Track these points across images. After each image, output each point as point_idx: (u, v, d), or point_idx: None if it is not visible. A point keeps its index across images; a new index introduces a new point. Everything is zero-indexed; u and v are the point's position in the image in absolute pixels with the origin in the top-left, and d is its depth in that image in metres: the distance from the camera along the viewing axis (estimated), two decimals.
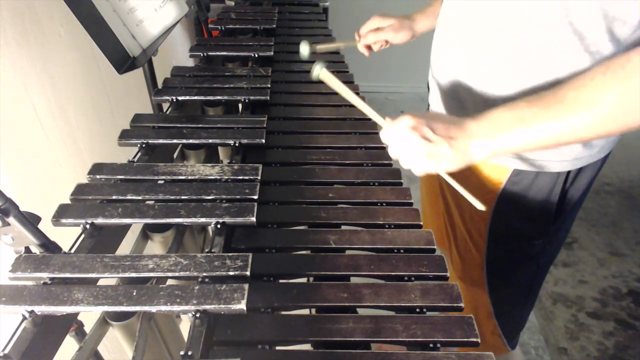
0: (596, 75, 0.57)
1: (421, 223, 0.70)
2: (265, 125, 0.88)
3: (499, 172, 0.82)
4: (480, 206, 0.67)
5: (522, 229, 0.87)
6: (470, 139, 0.62)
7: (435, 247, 0.67)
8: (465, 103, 0.81)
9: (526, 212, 0.84)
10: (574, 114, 0.58)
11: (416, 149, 0.62)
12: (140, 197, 0.69)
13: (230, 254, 0.60)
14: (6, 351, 0.50)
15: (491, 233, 0.88)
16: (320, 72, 0.71)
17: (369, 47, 1.08)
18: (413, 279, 0.62)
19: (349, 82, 1.10)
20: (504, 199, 0.84)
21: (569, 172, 0.80)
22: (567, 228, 0.94)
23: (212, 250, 0.63)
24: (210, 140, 0.84)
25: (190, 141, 0.84)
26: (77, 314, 0.59)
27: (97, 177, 0.74)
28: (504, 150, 0.63)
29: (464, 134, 0.63)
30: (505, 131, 0.61)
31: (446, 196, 0.97)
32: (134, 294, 0.54)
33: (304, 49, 1.02)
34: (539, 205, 0.83)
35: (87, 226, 0.64)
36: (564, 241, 0.98)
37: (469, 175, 0.85)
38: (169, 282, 0.60)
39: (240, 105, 0.99)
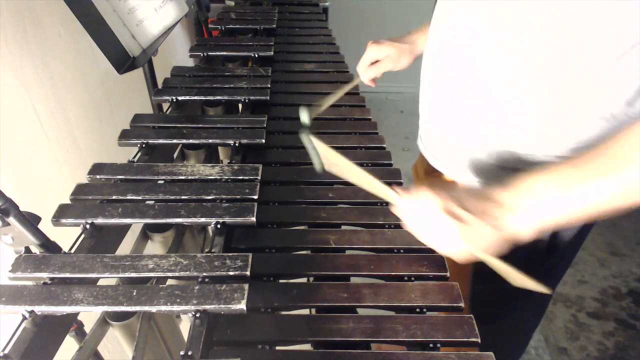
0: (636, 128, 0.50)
1: None
2: (265, 125, 0.88)
3: None
4: (541, 288, 0.57)
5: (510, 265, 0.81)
6: (509, 214, 0.54)
7: None
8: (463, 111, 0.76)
9: (512, 251, 0.79)
10: (619, 174, 0.50)
11: (449, 232, 0.53)
12: (140, 197, 0.69)
13: (230, 254, 0.60)
14: (6, 351, 0.50)
15: (476, 271, 0.82)
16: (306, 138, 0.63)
17: (372, 79, 1.01)
18: (413, 279, 0.62)
19: (349, 82, 1.10)
20: None
21: None
22: (564, 267, 0.87)
23: (212, 250, 0.63)
24: (210, 140, 0.84)
25: (190, 141, 0.84)
26: (77, 314, 0.59)
27: (97, 177, 0.74)
28: (549, 221, 0.54)
29: (500, 209, 0.54)
30: (547, 201, 0.53)
31: None
32: (134, 294, 0.54)
33: (304, 117, 0.88)
34: (526, 243, 0.78)
35: (87, 226, 0.64)
36: (558, 281, 0.91)
37: None
38: (169, 282, 0.60)
39: (240, 105, 0.99)
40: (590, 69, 0.60)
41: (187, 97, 0.96)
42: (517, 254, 0.76)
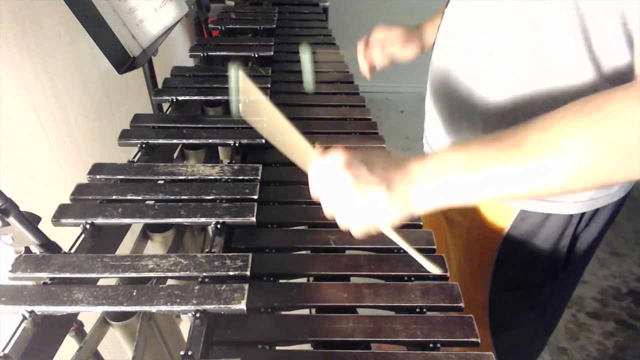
0: (568, 114, 0.45)
1: (421, 223, 0.70)
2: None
3: (503, 214, 0.74)
4: (434, 269, 0.57)
5: (529, 276, 0.79)
6: (411, 183, 0.50)
7: (435, 247, 0.66)
8: (460, 111, 0.76)
9: (533, 258, 0.75)
10: (530, 162, 0.46)
11: (347, 192, 0.50)
12: (140, 197, 0.69)
13: (230, 254, 0.60)
14: (6, 351, 0.50)
15: (494, 279, 0.80)
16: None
17: (370, 67, 0.98)
18: (413, 279, 0.62)
19: (348, 82, 1.10)
20: (508, 243, 0.75)
21: (583, 213, 0.70)
22: (580, 271, 0.86)
23: (212, 250, 0.63)
24: (210, 140, 0.84)
25: (190, 141, 0.84)
26: (77, 314, 0.59)
27: (97, 177, 0.74)
28: (448, 200, 0.50)
29: (404, 177, 0.50)
30: (450, 177, 0.49)
31: (447, 241, 0.90)
32: (134, 294, 0.54)
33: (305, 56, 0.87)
34: (547, 250, 0.74)
35: (87, 226, 0.64)
36: (576, 285, 0.90)
37: (472, 217, 0.77)
38: (169, 282, 0.60)
39: None
40: (617, 72, 0.58)
41: (187, 97, 0.96)
42: (539, 260, 0.76)
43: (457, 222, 0.85)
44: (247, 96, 0.55)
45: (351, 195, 0.50)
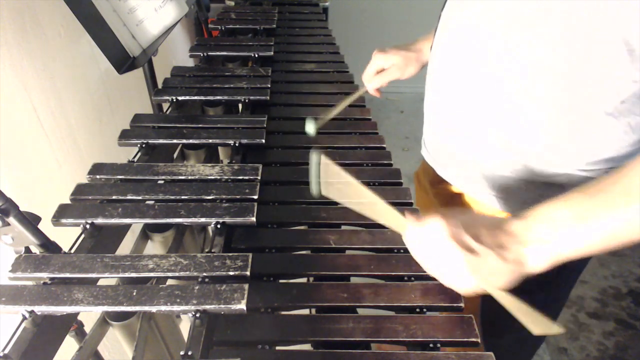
0: None
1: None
2: (265, 125, 0.88)
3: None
4: (537, 329, 0.54)
5: (520, 284, 0.79)
6: (523, 245, 0.51)
7: None
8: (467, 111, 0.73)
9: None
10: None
11: (457, 263, 0.50)
12: (140, 197, 0.69)
13: (230, 254, 0.60)
14: (6, 351, 0.50)
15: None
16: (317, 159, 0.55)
17: (378, 89, 0.99)
18: (413, 279, 0.62)
19: (348, 82, 1.10)
20: None
21: None
22: (573, 280, 0.85)
23: (212, 250, 0.63)
24: (210, 140, 0.84)
25: (190, 141, 0.84)
26: (77, 314, 0.59)
27: (97, 177, 0.74)
28: (562, 255, 0.51)
29: (514, 241, 0.51)
30: (562, 233, 0.50)
31: None
32: (134, 294, 0.54)
33: (310, 128, 0.87)
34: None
35: (87, 226, 0.64)
36: (569, 294, 0.89)
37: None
38: (169, 282, 0.60)
39: (240, 105, 0.99)
40: (606, 76, 0.58)
41: (187, 97, 0.96)
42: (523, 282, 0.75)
43: None
44: (329, 178, 0.56)
45: (461, 265, 0.50)
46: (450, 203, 0.88)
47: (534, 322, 0.53)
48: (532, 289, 0.76)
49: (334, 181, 0.56)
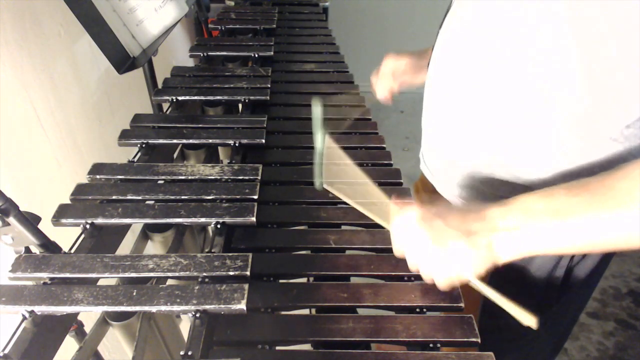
0: None
1: None
2: (265, 125, 0.88)
3: None
4: (527, 320, 0.52)
5: (520, 305, 0.78)
6: (493, 231, 0.50)
7: None
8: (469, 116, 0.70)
9: (525, 287, 0.72)
10: (622, 212, 0.45)
11: (427, 245, 0.50)
12: (140, 197, 0.69)
13: (230, 254, 0.60)
14: (6, 351, 0.50)
15: (484, 307, 0.75)
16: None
17: (386, 96, 0.97)
18: (413, 279, 0.62)
19: (348, 82, 1.10)
20: (500, 270, 0.74)
21: None
22: (578, 306, 0.82)
23: (212, 250, 0.63)
24: (210, 140, 0.84)
25: (190, 141, 0.84)
26: (77, 314, 0.59)
27: (97, 177, 0.74)
28: (532, 248, 0.50)
29: (484, 227, 0.50)
30: (535, 224, 0.49)
31: None
32: (134, 294, 0.54)
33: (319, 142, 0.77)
34: (541, 280, 0.71)
35: (87, 226, 0.64)
36: (574, 323, 0.86)
37: None
38: (169, 282, 0.60)
39: (240, 105, 0.99)
40: (608, 94, 0.55)
41: (187, 97, 0.96)
42: (532, 290, 0.72)
43: None
44: (331, 161, 0.57)
45: (431, 249, 0.50)
46: None
47: (519, 313, 0.52)
48: (531, 310, 0.74)
49: (336, 163, 0.58)
